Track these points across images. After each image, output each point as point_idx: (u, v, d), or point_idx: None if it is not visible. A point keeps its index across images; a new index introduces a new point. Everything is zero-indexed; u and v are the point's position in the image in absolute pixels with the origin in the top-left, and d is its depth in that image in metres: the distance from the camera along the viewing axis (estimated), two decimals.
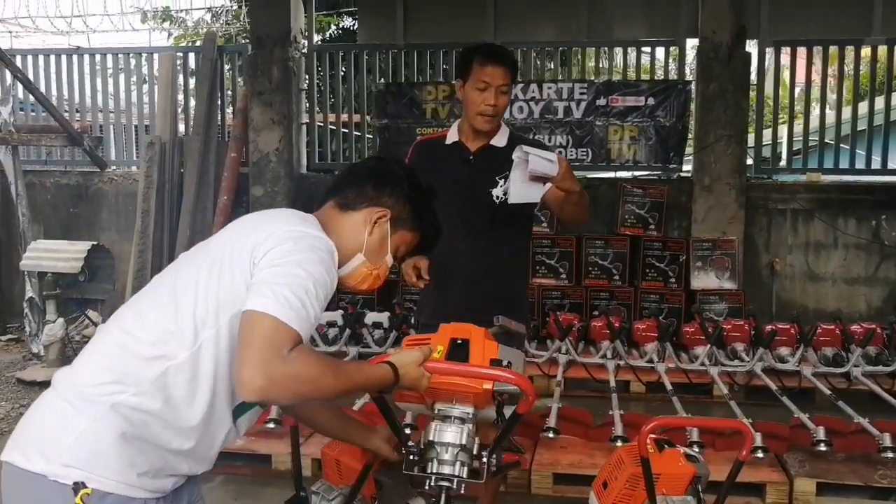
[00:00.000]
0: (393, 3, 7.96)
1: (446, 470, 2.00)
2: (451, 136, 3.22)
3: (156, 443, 1.69)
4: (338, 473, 2.30)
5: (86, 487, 1.60)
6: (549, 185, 2.83)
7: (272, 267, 1.66)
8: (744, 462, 2.40)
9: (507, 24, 7.85)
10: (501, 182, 3.06)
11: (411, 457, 2.05)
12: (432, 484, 2.01)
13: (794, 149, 8.12)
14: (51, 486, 1.61)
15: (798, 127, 8.38)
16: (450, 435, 2.02)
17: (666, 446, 2.46)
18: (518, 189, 2.83)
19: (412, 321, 4.57)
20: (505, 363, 2.02)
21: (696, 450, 3.83)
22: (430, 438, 2.02)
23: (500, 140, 3.17)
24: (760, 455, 3.95)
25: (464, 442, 2.01)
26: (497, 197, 3.07)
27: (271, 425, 4.28)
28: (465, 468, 2.01)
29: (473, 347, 2.07)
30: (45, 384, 1.78)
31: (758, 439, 3.99)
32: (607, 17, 7.80)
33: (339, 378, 1.69)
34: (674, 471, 2.36)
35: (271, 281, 1.63)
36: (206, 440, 1.77)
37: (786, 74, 7.89)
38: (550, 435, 4.19)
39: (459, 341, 2.10)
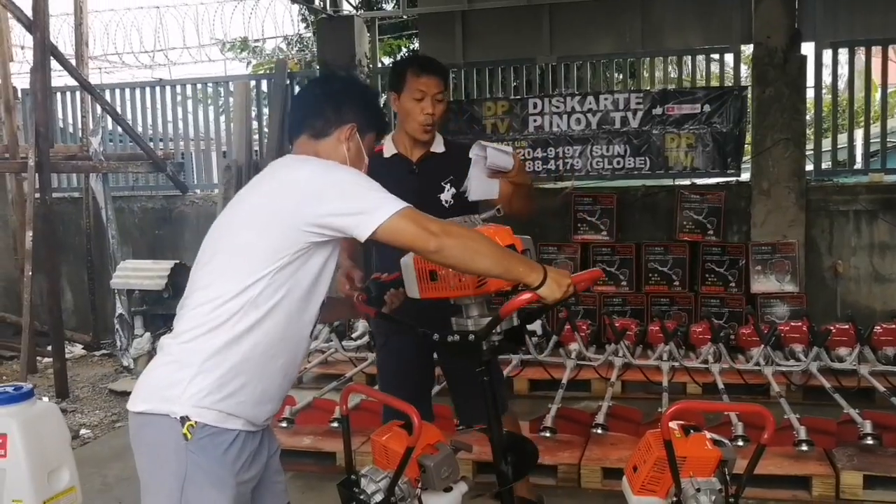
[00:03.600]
0: (452, 23, 8.26)
1: None
2: (388, 149, 3.26)
3: (252, 373, 2.01)
4: (385, 458, 2.46)
5: (190, 420, 1.94)
6: (498, 182, 2.93)
7: (340, 199, 1.96)
8: (766, 446, 2.40)
9: (563, 39, 8.02)
10: (447, 186, 3.16)
11: None
12: None
13: (856, 150, 8.01)
14: (169, 422, 1.95)
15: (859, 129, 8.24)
16: None
17: (692, 431, 2.55)
18: (477, 186, 2.93)
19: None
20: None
21: (741, 443, 3.95)
22: None
23: (438, 147, 3.25)
24: (805, 448, 4.00)
25: None
26: (446, 202, 3.16)
27: (335, 425, 4.54)
28: None
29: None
30: None
31: (802, 433, 4.05)
32: (660, 26, 7.91)
33: (494, 245, 2.07)
34: (700, 454, 2.42)
35: (353, 198, 1.96)
36: (292, 353, 2.11)
37: (844, 75, 7.78)
38: (599, 431, 4.33)
39: None
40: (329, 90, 2.27)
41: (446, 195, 3.19)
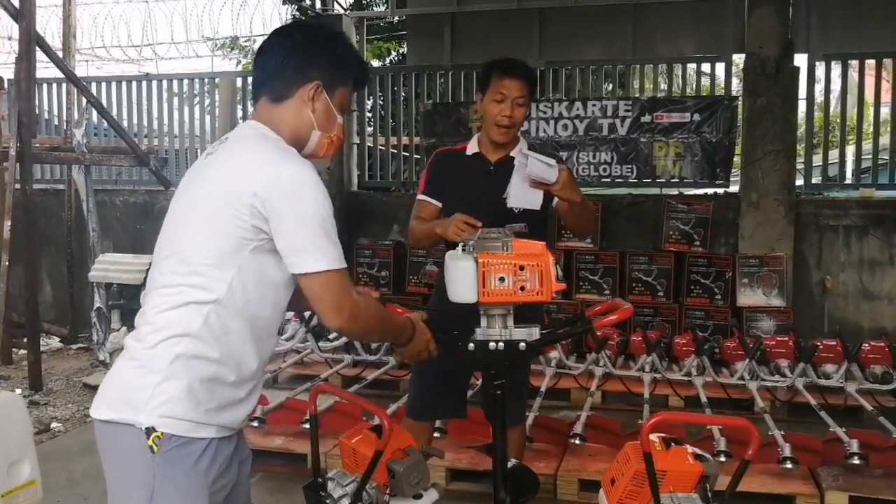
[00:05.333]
0: (441, 25, 8.20)
1: None
2: (472, 147, 3.28)
3: (222, 377, 1.89)
4: (354, 462, 2.38)
5: (156, 431, 1.82)
6: (541, 193, 2.87)
7: (294, 223, 1.83)
8: (750, 462, 2.34)
9: (552, 44, 7.98)
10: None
11: None
12: None
13: (846, 165, 7.96)
14: (134, 433, 1.83)
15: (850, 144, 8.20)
16: None
17: (673, 444, 2.47)
18: (517, 192, 2.89)
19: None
20: None
21: (723, 459, 3.86)
22: None
23: (517, 152, 3.18)
24: (789, 466, 3.92)
25: None
26: (515, 208, 3.09)
27: (307, 426, 4.43)
28: None
29: None
30: None
31: (787, 450, 3.96)
32: (652, 34, 7.88)
33: (388, 320, 2.16)
34: (681, 468, 2.32)
35: (304, 236, 1.84)
36: (262, 354, 2.00)
37: (836, 88, 7.74)
38: (577, 442, 4.23)
39: None
40: (288, 43, 2.04)
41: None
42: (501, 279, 2.14)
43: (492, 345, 2.22)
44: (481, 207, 3.06)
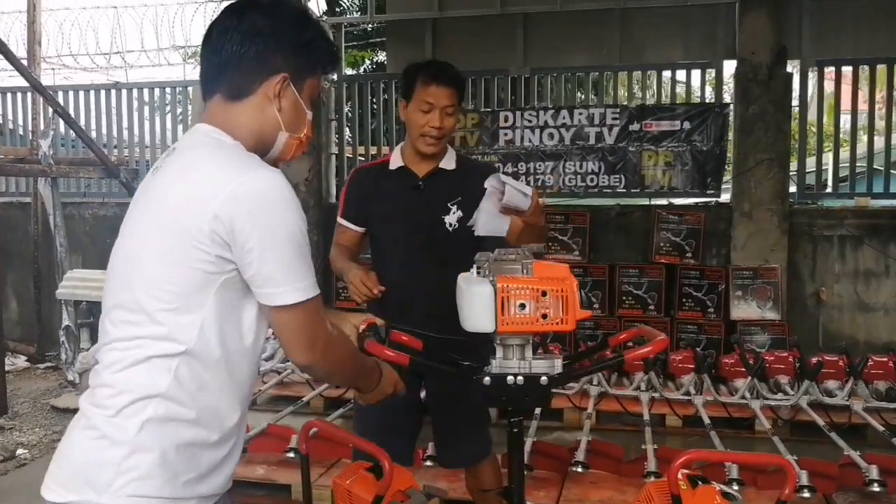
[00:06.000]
0: (422, 32, 7.99)
1: None
2: (395, 160, 3.00)
3: (199, 440, 1.59)
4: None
5: None
6: (509, 219, 2.62)
7: (261, 247, 1.53)
8: (786, 502, 2.17)
9: (537, 50, 7.79)
10: (454, 208, 2.90)
11: None
12: None
13: (841, 174, 7.84)
14: None
15: (844, 150, 8.11)
16: None
17: (700, 483, 2.27)
18: (487, 220, 2.59)
19: None
20: None
21: (736, 488, 3.65)
22: None
23: (448, 163, 2.98)
24: (807, 495, 3.71)
25: None
26: (450, 224, 2.89)
27: (291, 455, 4.18)
28: None
29: None
30: (78, 411, 1.68)
31: (804, 477, 3.76)
32: (640, 40, 7.71)
33: (359, 361, 1.91)
34: None
35: (274, 262, 1.55)
36: (242, 403, 1.70)
37: (830, 94, 7.62)
38: (579, 469, 4.01)
39: None
40: (245, 27, 1.66)
41: (451, 218, 2.90)
42: (522, 306, 1.90)
43: (510, 379, 1.97)
44: (413, 227, 2.92)
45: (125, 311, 1.59)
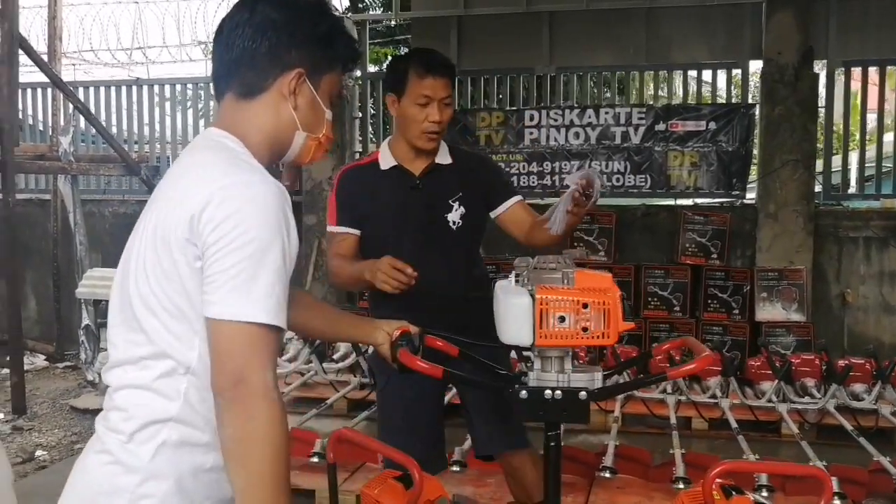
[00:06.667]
0: (447, 28, 7.94)
1: None
2: (385, 160, 2.84)
3: (216, 464, 1.48)
4: None
5: None
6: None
7: (218, 249, 1.39)
8: None
9: (563, 49, 7.75)
10: (456, 205, 2.79)
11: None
12: None
13: (867, 174, 7.76)
14: None
15: (871, 151, 8.01)
16: None
17: (734, 493, 2.23)
18: (563, 219, 2.59)
19: None
20: None
21: (766, 494, 3.62)
22: None
23: (443, 157, 2.84)
24: (838, 502, 3.66)
25: None
26: (453, 223, 2.78)
27: (315, 459, 4.15)
28: None
29: None
30: (97, 412, 1.62)
31: (835, 484, 3.70)
32: (666, 40, 7.65)
33: (285, 458, 1.42)
34: None
35: (228, 267, 1.38)
36: None
37: (857, 95, 7.54)
38: (607, 475, 3.97)
39: None
40: (257, 20, 1.56)
41: (454, 215, 2.79)
42: (562, 318, 1.84)
43: (547, 393, 1.91)
44: (414, 228, 2.78)
45: (126, 329, 1.52)
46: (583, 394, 1.91)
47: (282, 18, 1.57)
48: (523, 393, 1.93)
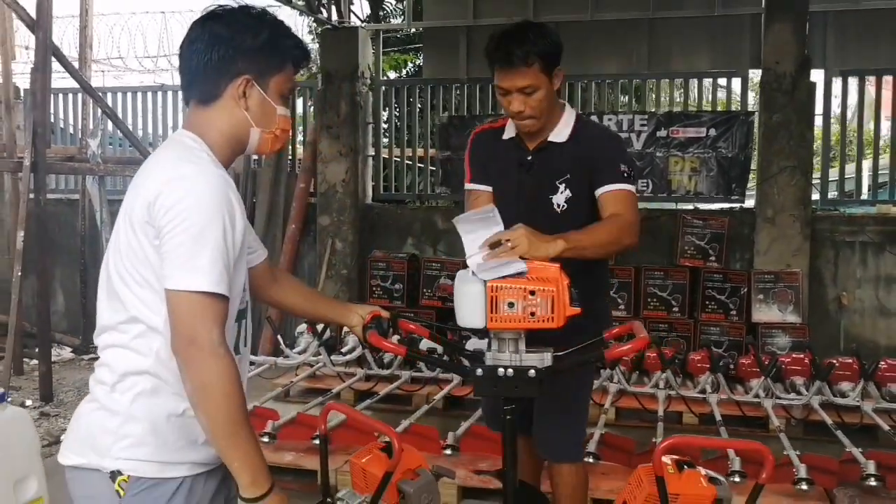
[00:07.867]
0: (456, 37, 8.19)
1: None
2: (509, 129, 2.81)
3: (185, 412, 1.74)
4: (364, 481, 2.36)
5: (122, 475, 1.72)
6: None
7: (171, 231, 1.65)
8: (763, 485, 2.31)
9: (567, 58, 7.86)
10: (562, 187, 2.69)
11: None
12: None
13: (863, 181, 7.89)
14: (100, 477, 1.75)
15: (867, 160, 8.16)
16: None
17: (686, 467, 2.43)
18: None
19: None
20: None
21: (738, 479, 3.81)
22: None
23: (560, 134, 2.73)
24: (805, 487, 3.86)
25: None
26: (558, 206, 2.70)
27: (317, 442, 4.39)
28: None
29: None
30: None
31: (802, 471, 3.91)
32: (668, 48, 7.83)
33: (241, 415, 1.66)
34: (693, 491, 2.29)
35: (179, 246, 1.64)
36: None
37: (853, 103, 7.68)
38: (590, 460, 4.18)
39: None
40: (207, 35, 1.80)
41: (559, 198, 2.70)
42: (511, 304, 2.05)
43: (500, 371, 2.13)
44: (520, 207, 2.66)
45: (109, 299, 1.78)
46: (532, 371, 2.13)
47: (227, 33, 1.79)
48: (479, 371, 2.16)
